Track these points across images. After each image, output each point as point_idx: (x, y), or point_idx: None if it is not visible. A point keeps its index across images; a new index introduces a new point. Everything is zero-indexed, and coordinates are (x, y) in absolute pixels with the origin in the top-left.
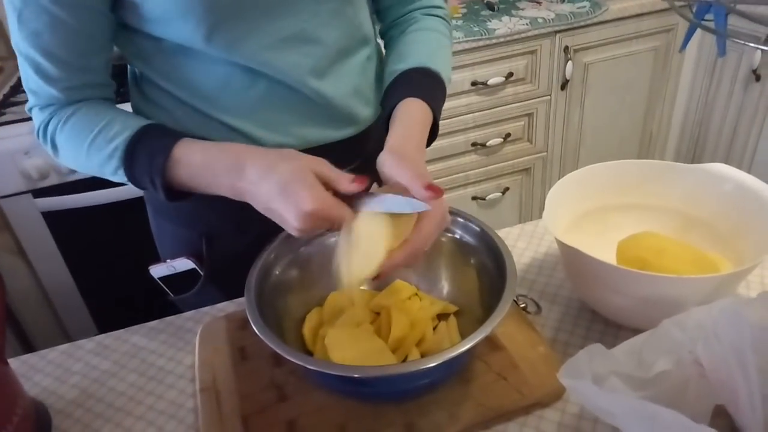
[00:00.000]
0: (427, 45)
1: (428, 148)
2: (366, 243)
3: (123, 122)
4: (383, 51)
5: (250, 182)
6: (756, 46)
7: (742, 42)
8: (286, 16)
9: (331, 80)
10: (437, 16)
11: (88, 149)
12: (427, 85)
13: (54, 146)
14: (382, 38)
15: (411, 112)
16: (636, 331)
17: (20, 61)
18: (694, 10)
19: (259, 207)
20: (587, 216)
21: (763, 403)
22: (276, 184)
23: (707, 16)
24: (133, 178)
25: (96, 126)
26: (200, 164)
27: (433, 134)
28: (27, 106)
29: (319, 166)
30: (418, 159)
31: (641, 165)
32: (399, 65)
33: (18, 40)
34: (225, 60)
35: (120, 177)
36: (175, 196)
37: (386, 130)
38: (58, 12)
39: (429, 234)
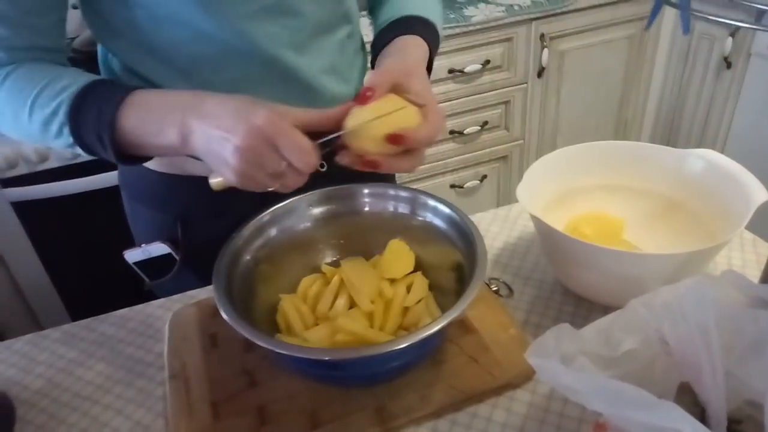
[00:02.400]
0: (416, 1)
1: None
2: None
3: (72, 77)
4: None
5: (204, 113)
6: (717, 18)
7: (703, 15)
8: None
9: (309, 55)
10: None
11: (30, 107)
12: (421, 26)
13: None
14: (369, 13)
15: (407, 43)
16: (607, 310)
17: None
18: None
19: (202, 140)
20: (567, 196)
21: (725, 379)
22: (233, 103)
23: None
24: (78, 136)
25: (41, 81)
26: (155, 103)
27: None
28: None
29: (294, 109)
30: (413, 67)
31: (625, 147)
32: (389, 14)
33: None
34: (201, 32)
35: (64, 139)
36: (125, 157)
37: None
38: None
39: (436, 122)
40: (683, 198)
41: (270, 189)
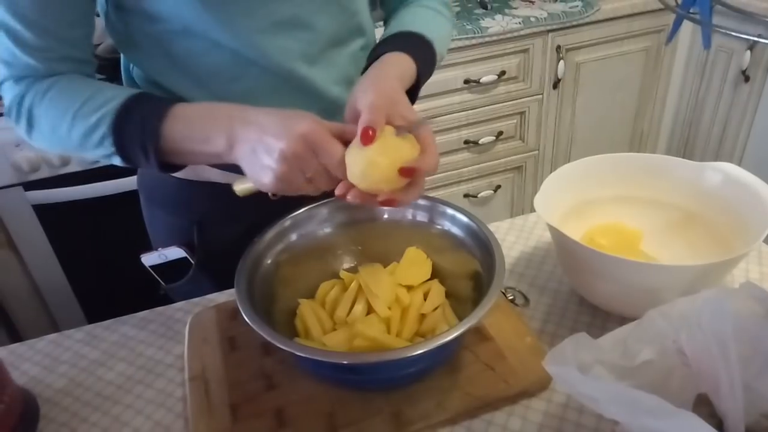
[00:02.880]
0: (421, 17)
1: None
2: (381, 150)
3: (114, 90)
4: None
5: (251, 121)
6: (738, 34)
7: (723, 30)
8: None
9: (321, 67)
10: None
11: (72, 119)
12: (414, 44)
13: (29, 121)
14: (384, 24)
15: (391, 61)
16: (623, 321)
17: None
18: (680, 1)
19: (247, 147)
20: (584, 207)
21: (743, 391)
22: (277, 114)
23: (693, 9)
24: (120, 147)
25: (83, 94)
26: (200, 113)
27: (412, 96)
28: None
29: (329, 122)
30: (396, 89)
31: (642, 159)
32: (391, 29)
33: None
34: (215, 43)
35: (104, 149)
36: (166, 166)
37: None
38: None
39: (435, 147)
40: (701, 210)
41: (301, 193)
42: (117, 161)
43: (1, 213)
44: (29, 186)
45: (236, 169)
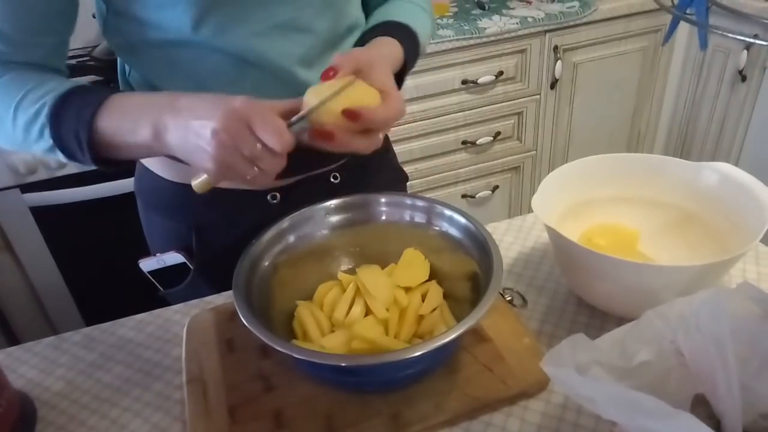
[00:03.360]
0: (405, 10)
1: (418, 146)
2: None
3: (58, 81)
4: None
5: (179, 108)
6: (734, 36)
7: (719, 32)
8: (278, 3)
9: (319, 70)
10: None
11: (15, 111)
12: (400, 32)
13: None
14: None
15: (379, 42)
16: (621, 321)
17: None
18: (676, 2)
19: (178, 134)
20: (581, 207)
21: (741, 391)
22: (210, 97)
23: (689, 10)
24: (57, 137)
25: (27, 85)
26: (135, 104)
27: (398, 84)
28: None
29: (267, 101)
30: (377, 55)
31: (640, 159)
32: (375, 20)
33: None
34: (214, 48)
35: (44, 142)
36: (103, 161)
37: None
38: None
39: (395, 104)
40: (698, 210)
41: (248, 178)
42: (60, 156)
43: None
44: (26, 188)
45: None
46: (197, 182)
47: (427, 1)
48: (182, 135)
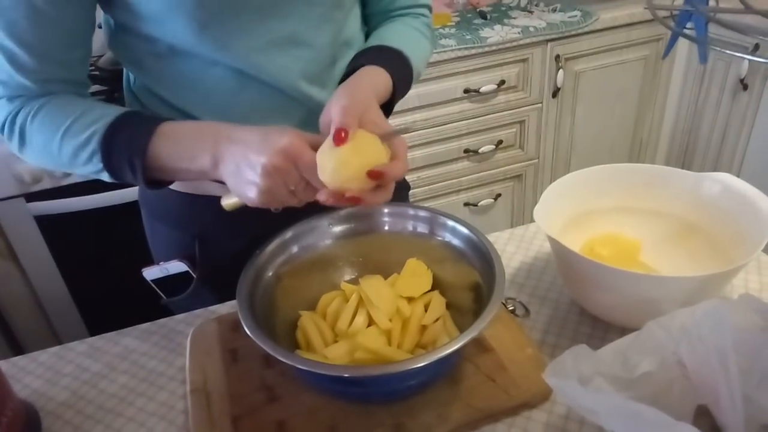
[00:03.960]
0: (403, 34)
1: (420, 154)
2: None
3: (103, 108)
4: None
5: (235, 139)
6: (732, 53)
7: (719, 49)
8: (277, 18)
9: (322, 85)
10: (421, 17)
11: (62, 137)
12: (392, 59)
13: (22, 138)
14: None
15: (367, 72)
16: (623, 331)
17: None
18: (675, 18)
19: (232, 164)
20: (583, 217)
21: (743, 403)
22: (260, 131)
23: (689, 25)
24: (109, 163)
25: (73, 113)
26: (187, 132)
27: (387, 110)
28: None
29: (308, 134)
30: (369, 96)
31: (642, 169)
32: (371, 42)
33: None
34: (216, 62)
35: (93, 166)
36: (153, 182)
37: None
38: (39, 2)
39: (405, 156)
40: (700, 221)
41: (285, 205)
42: (106, 177)
43: (2, 224)
44: (31, 197)
45: None
46: (229, 202)
47: (427, 23)
48: (237, 163)
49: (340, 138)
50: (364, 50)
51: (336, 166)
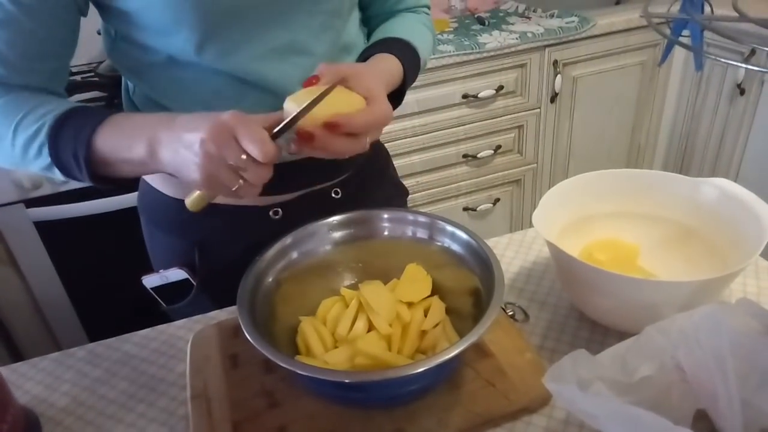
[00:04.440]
0: (408, 27)
1: (419, 159)
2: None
3: (58, 102)
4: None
5: (174, 125)
6: (727, 61)
7: (714, 57)
8: (278, 27)
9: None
10: (423, 14)
11: (14, 130)
12: (401, 48)
13: None
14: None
15: (378, 58)
16: (622, 335)
17: None
18: (671, 26)
19: (170, 148)
20: (582, 223)
21: (742, 407)
22: (201, 113)
23: (684, 32)
24: (56, 156)
25: (27, 106)
26: (130, 123)
27: (398, 99)
28: None
29: (255, 115)
30: (367, 68)
31: (640, 175)
32: (378, 36)
33: None
34: (216, 70)
35: (42, 159)
36: (100, 179)
37: None
38: (15, 11)
39: (376, 112)
40: (697, 225)
41: (234, 189)
42: (57, 174)
43: (2, 230)
44: (30, 203)
45: None
46: (190, 199)
47: (428, 18)
48: (174, 147)
49: (309, 83)
50: (371, 44)
51: (290, 107)
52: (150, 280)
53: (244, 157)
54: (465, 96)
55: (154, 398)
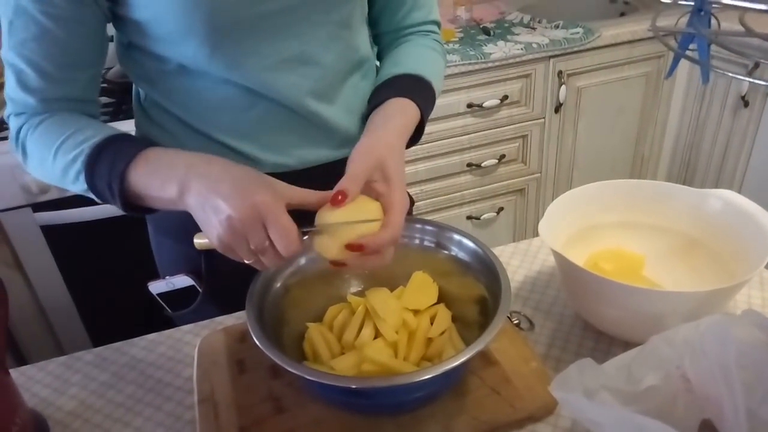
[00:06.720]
0: (419, 56)
1: (424, 168)
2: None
3: (96, 129)
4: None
5: (206, 174)
6: (733, 75)
7: (721, 71)
8: (287, 38)
9: (329, 102)
10: (431, 34)
11: (55, 153)
12: (415, 87)
13: (24, 152)
14: (377, 49)
15: (395, 109)
16: (627, 345)
17: (6, 69)
18: (678, 40)
19: (198, 200)
20: (587, 232)
21: (747, 417)
22: (235, 174)
23: (691, 46)
24: (92, 185)
25: (68, 130)
26: (165, 159)
27: (418, 134)
28: (5, 113)
29: (291, 189)
30: (386, 156)
31: (645, 186)
32: (390, 70)
33: (6, 50)
34: (226, 80)
35: (80, 184)
36: (133, 208)
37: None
38: (48, 23)
39: (396, 225)
40: (702, 236)
41: (246, 262)
42: (93, 197)
43: (9, 234)
44: (37, 207)
45: None
46: (199, 242)
47: (438, 39)
48: (201, 203)
49: (335, 201)
50: (385, 82)
51: (320, 242)
52: (156, 287)
53: (267, 243)
54: (470, 105)
55: (161, 402)
